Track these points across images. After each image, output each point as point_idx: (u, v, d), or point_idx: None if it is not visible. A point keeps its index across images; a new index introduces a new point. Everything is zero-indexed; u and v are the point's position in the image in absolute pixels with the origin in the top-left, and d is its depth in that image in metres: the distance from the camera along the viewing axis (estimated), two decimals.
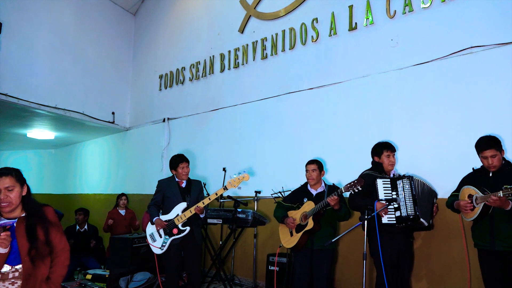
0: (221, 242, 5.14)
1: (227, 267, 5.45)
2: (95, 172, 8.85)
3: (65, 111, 6.69)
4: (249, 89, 5.74)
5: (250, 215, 4.34)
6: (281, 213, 3.61)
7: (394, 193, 3.14)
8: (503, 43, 3.53)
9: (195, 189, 3.93)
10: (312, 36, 5.01)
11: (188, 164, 3.90)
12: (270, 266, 4.45)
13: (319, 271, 3.39)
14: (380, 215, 3.12)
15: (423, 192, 3.18)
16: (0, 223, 1.90)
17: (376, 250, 3.12)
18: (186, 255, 3.82)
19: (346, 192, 3.19)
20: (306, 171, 3.56)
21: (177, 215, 3.73)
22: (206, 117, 6.36)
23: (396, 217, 3.12)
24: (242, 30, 5.95)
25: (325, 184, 3.59)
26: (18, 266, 2.09)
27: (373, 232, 2.97)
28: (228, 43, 6.15)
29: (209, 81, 6.44)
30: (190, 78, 6.75)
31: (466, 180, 3.02)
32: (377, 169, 3.38)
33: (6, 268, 2.05)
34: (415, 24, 4.13)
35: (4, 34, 5.60)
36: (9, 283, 2.06)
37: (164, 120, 7.07)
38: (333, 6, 4.82)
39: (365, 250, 2.88)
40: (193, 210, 3.66)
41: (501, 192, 2.60)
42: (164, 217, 3.76)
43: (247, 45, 5.84)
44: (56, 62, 6.63)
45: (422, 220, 3.08)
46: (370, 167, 3.47)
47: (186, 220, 3.70)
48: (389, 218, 3.14)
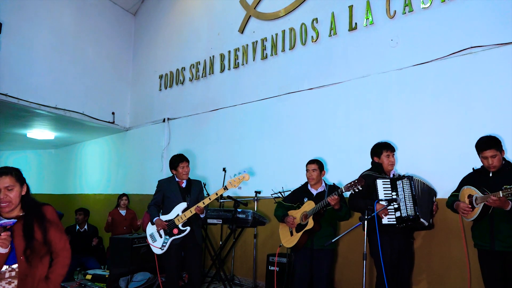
0: (221, 242, 5.13)
1: (227, 267, 5.44)
2: (95, 172, 8.84)
3: (65, 111, 6.69)
4: (249, 89, 5.74)
5: (250, 215, 4.34)
6: (282, 212, 3.62)
7: (394, 193, 3.14)
8: (503, 43, 3.54)
9: (195, 189, 3.93)
10: (312, 36, 5.01)
11: (188, 164, 3.90)
12: (270, 266, 4.45)
13: (319, 271, 3.39)
14: (380, 216, 3.12)
15: (423, 192, 3.18)
16: (0, 223, 1.89)
17: (376, 250, 3.12)
18: (186, 255, 3.82)
19: (347, 192, 3.19)
20: (307, 170, 3.56)
21: (177, 215, 3.72)
22: (206, 117, 6.36)
23: (396, 218, 3.12)
24: (242, 30, 5.95)
25: (326, 184, 3.59)
26: (14, 266, 2.07)
27: (373, 232, 2.97)
28: (228, 43, 6.15)
29: (209, 81, 6.44)
30: (190, 78, 6.75)
31: (466, 180, 3.03)
32: (377, 170, 3.38)
33: (3, 267, 2.04)
34: (415, 24, 4.13)
35: (4, 34, 5.61)
36: (6, 283, 2.05)
37: (164, 120, 7.07)
38: (333, 6, 4.82)
39: (365, 250, 2.88)
40: (194, 210, 3.66)
41: (501, 192, 2.61)
42: (164, 217, 3.76)
43: (247, 45, 5.84)
44: (56, 62, 6.63)
45: (422, 220, 3.07)
46: (370, 167, 3.48)
47: (186, 220, 3.70)
48: (389, 218, 3.14)
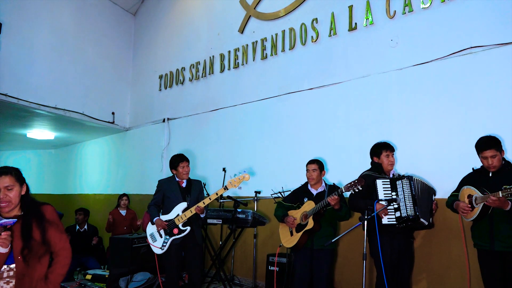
0: (221, 242, 5.13)
1: (227, 267, 5.44)
2: (95, 172, 8.84)
3: (65, 111, 6.69)
4: (249, 89, 5.74)
5: (250, 215, 4.34)
6: (282, 212, 3.62)
7: (394, 193, 3.14)
8: (503, 43, 3.54)
9: (195, 189, 3.93)
10: (312, 36, 5.01)
11: (188, 164, 3.90)
12: (270, 266, 4.45)
13: (319, 271, 3.39)
14: (380, 216, 3.12)
15: (422, 192, 3.18)
16: (1, 223, 1.89)
17: (376, 250, 3.12)
18: (186, 255, 3.82)
19: (347, 192, 3.19)
20: (307, 170, 3.56)
21: (178, 215, 3.72)
22: (206, 117, 6.36)
23: (396, 218, 3.12)
24: (242, 30, 5.95)
25: (326, 184, 3.59)
26: (12, 265, 2.07)
27: (373, 232, 2.97)
28: (228, 43, 6.15)
29: (209, 81, 6.44)
30: (190, 78, 6.75)
31: (466, 180, 3.03)
32: (377, 170, 3.38)
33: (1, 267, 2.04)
34: (415, 24, 4.13)
35: (4, 34, 5.61)
36: (4, 282, 2.04)
37: (164, 120, 7.07)
38: (333, 6, 4.82)
39: (365, 250, 2.88)
40: (194, 210, 3.66)
41: (500, 192, 2.61)
42: (165, 217, 3.76)
43: (247, 45, 5.84)
44: (56, 62, 6.63)
45: (422, 220, 3.08)
46: (370, 167, 3.48)
47: (186, 220, 3.70)
48: (389, 218, 3.14)
